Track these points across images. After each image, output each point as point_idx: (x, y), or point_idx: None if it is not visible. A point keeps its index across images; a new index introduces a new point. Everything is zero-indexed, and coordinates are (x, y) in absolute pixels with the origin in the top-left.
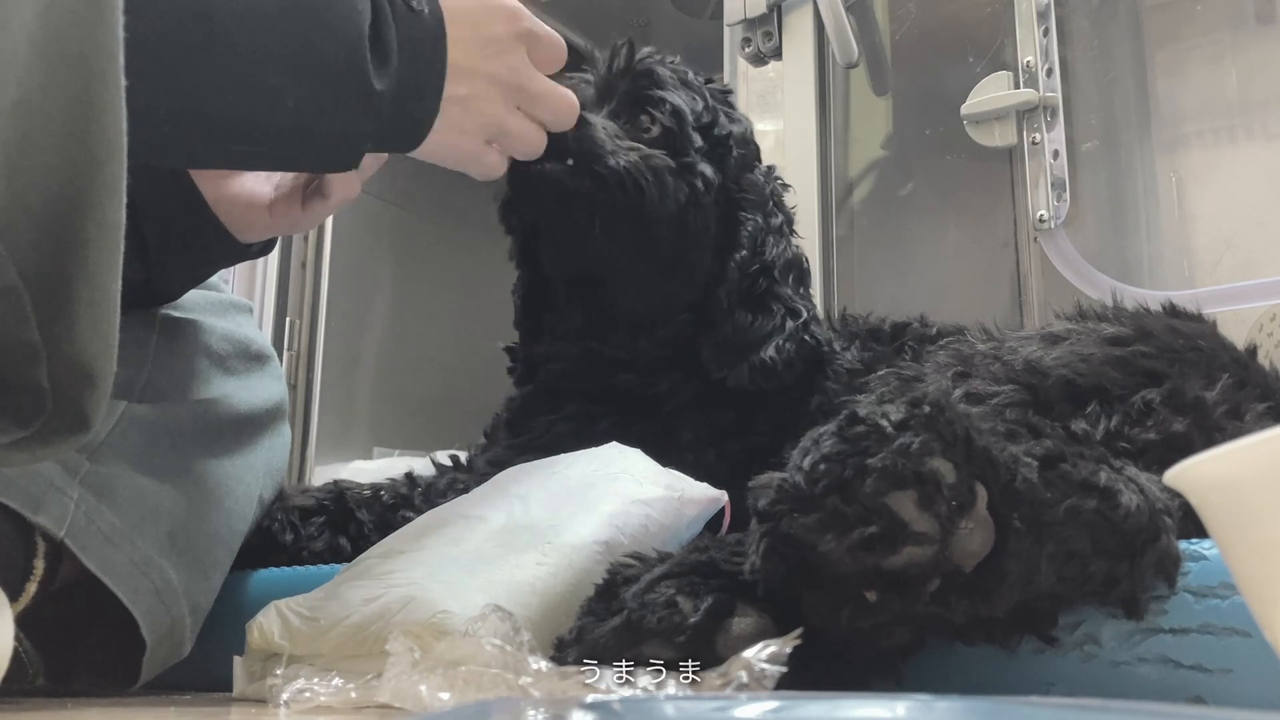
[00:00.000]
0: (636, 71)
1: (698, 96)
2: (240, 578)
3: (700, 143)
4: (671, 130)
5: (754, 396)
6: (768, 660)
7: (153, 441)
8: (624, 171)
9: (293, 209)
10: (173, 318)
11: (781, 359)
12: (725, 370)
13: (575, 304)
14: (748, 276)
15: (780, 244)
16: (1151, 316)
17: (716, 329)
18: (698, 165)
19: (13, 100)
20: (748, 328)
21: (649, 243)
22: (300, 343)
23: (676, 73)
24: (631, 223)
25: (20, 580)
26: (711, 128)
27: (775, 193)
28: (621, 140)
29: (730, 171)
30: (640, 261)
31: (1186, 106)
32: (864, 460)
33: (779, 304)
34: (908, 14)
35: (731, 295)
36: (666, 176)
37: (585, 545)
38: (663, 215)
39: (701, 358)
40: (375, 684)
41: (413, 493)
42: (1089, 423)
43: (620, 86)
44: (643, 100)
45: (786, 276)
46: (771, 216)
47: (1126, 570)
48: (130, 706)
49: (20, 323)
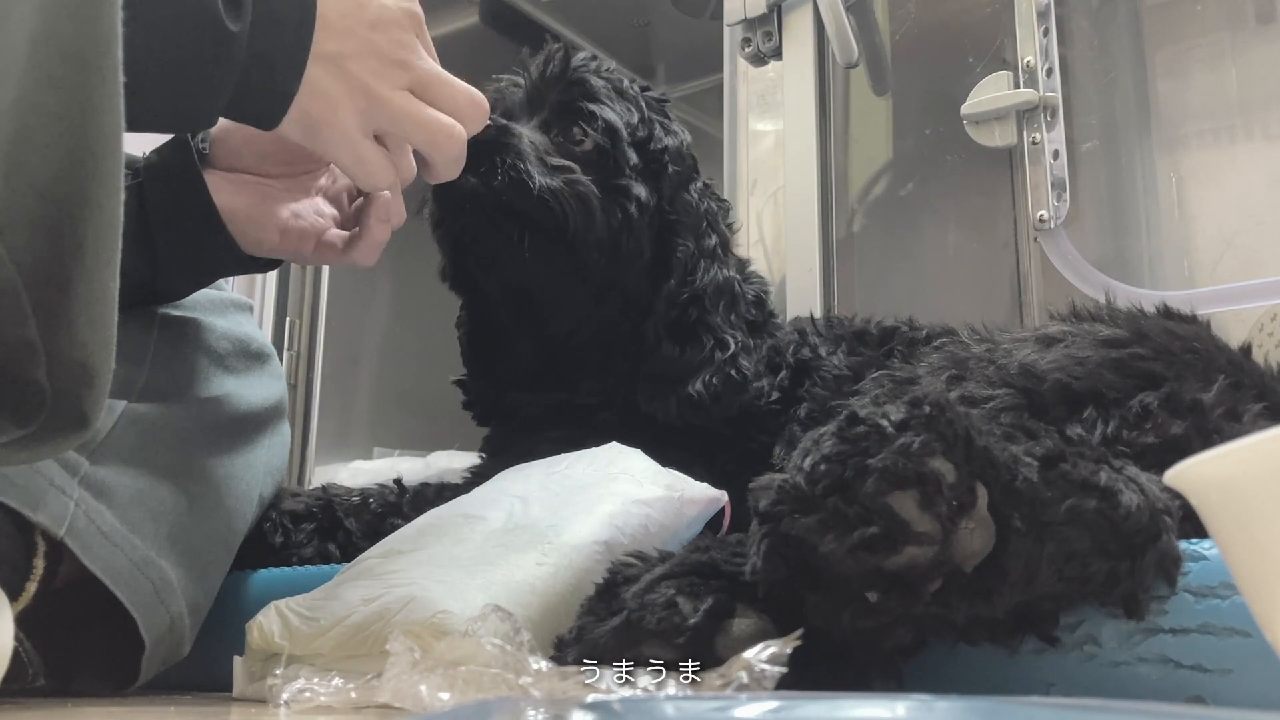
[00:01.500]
0: (569, 80)
1: (633, 108)
2: (240, 578)
3: (635, 159)
4: (604, 147)
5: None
6: (768, 661)
7: (152, 441)
8: (550, 194)
9: (304, 244)
10: (172, 316)
11: (709, 394)
12: (655, 403)
13: (523, 340)
14: (676, 306)
15: (712, 269)
16: (1147, 318)
17: (645, 362)
18: (632, 188)
19: (12, 98)
20: (676, 360)
21: (579, 266)
22: (300, 343)
23: (611, 81)
24: (559, 245)
25: (20, 580)
26: (647, 142)
27: (710, 211)
28: (550, 157)
29: (665, 190)
30: (572, 284)
31: (1186, 106)
32: (865, 461)
33: (709, 334)
34: (908, 14)
35: (659, 326)
36: (593, 203)
37: (585, 545)
38: (591, 241)
39: (606, 384)
40: (375, 684)
41: (401, 500)
42: (1085, 427)
43: (551, 95)
44: (575, 112)
45: (717, 304)
46: (705, 238)
47: (1127, 570)
48: (130, 706)
49: (19, 321)
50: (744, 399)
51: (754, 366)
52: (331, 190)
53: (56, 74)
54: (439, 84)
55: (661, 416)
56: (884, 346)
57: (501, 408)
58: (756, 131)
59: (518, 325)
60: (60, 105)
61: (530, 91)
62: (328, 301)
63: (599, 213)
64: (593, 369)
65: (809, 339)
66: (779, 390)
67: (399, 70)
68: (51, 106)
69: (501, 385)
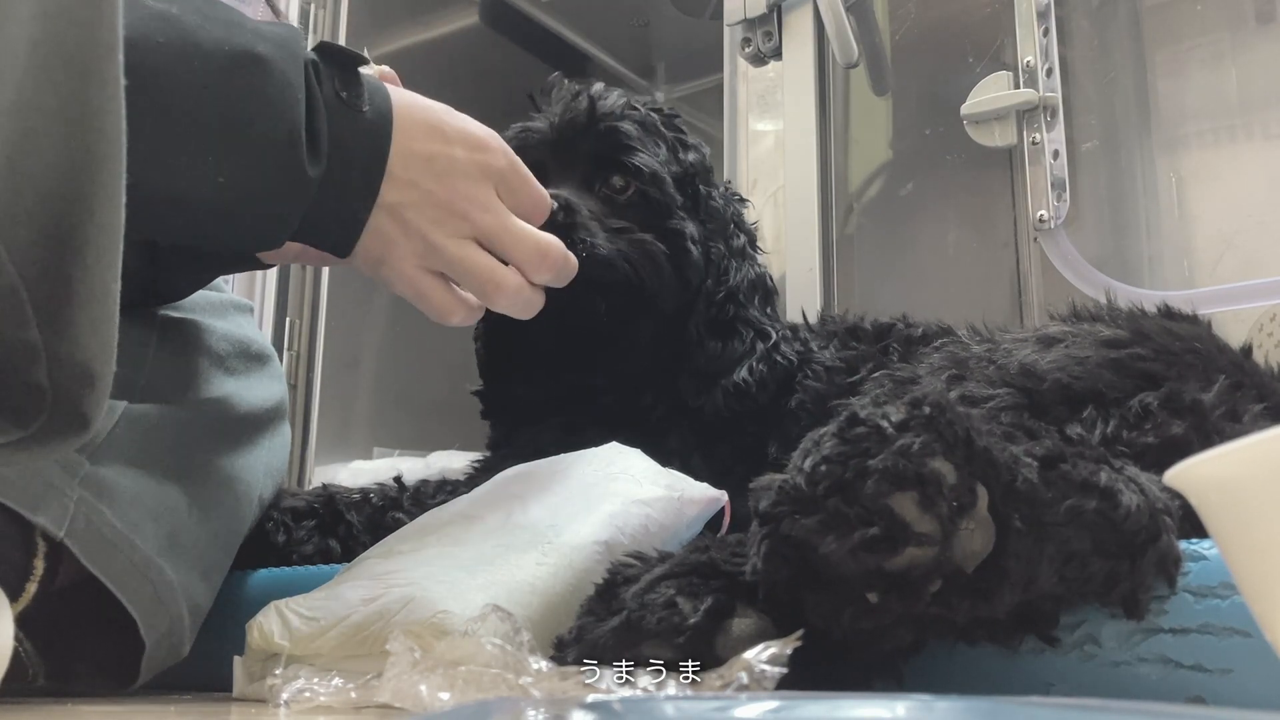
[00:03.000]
0: (599, 131)
1: (660, 142)
2: (240, 578)
3: (680, 199)
4: (649, 193)
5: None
6: (768, 661)
7: (152, 442)
8: (624, 260)
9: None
10: (173, 318)
11: (755, 380)
12: (701, 397)
13: (552, 355)
14: (715, 304)
15: (743, 266)
16: (1147, 318)
17: (690, 359)
18: (685, 229)
19: (12, 100)
20: (719, 355)
21: (650, 313)
22: (300, 343)
23: (637, 121)
24: (637, 299)
25: (20, 580)
26: (683, 178)
27: (735, 213)
28: (608, 219)
29: (701, 207)
30: (640, 329)
31: (1186, 106)
32: (865, 461)
33: (747, 327)
34: (908, 14)
35: (700, 326)
36: (660, 257)
37: (585, 545)
38: (665, 292)
39: (679, 387)
40: (375, 684)
41: (401, 496)
42: (1085, 427)
43: (583, 145)
44: (613, 164)
45: (752, 298)
46: (733, 239)
47: (1127, 570)
48: (130, 706)
49: (19, 322)
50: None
51: (792, 351)
52: None
53: (57, 76)
54: (504, 235)
55: (710, 409)
56: (879, 342)
57: (509, 402)
58: (756, 131)
59: (559, 348)
60: (61, 107)
61: (556, 138)
62: (328, 301)
63: (666, 265)
64: (609, 360)
65: (800, 334)
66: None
67: (459, 220)
68: (52, 108)
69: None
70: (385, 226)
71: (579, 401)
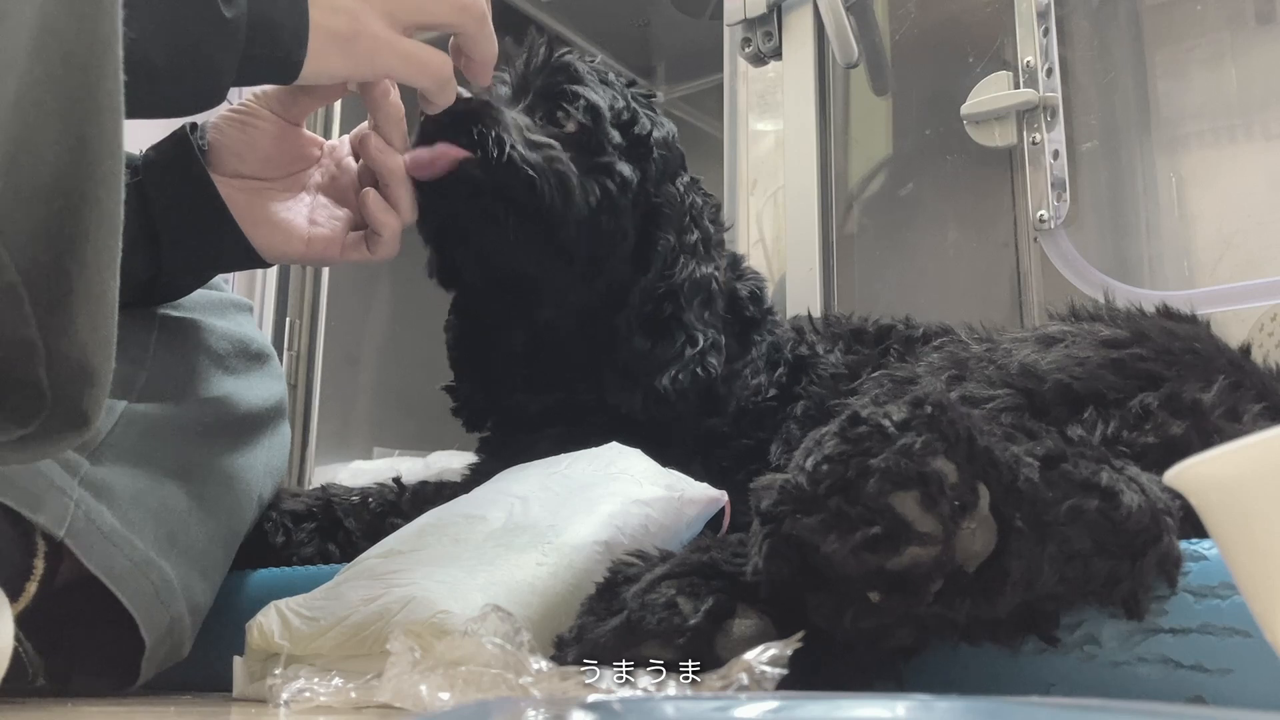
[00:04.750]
0: (553, 66)
1: (617, 95)
2: (240, 578)
3: (619, 139)
4: (587, 126)
5: (741, 406)
6: (768, 662)
7: (152, 441)
8: (529, 165)
9: (330, 250)
10: (172, 317)
11: (675, 389)
12: (621, 395)
13: (512, 334)
14: (652, 300)
15: (690, 265)
16: (1147, 318)
17: (616, 353)
18: (615, 165)
19: (12, 97)
20: (646, 354)
21: (561, 246)
22: (300, 343)
23: (596, 71)
24: (541, 222)
25: (20, 580)
26: (631, 125)
27: (694, 205)
28: (532, 134)
29: (651, 175)
30: (556, 265)
31: (1186, 107)
32: (867, 461)
33: (681, 330)
34: (908, 14)
35: (632, 319)
36: (571, 179)
37: (585, 545)
38: (570, 218)
39: (601, 381)
40: (375, 684)
41: (400, 499)
42: (1086, 428)
43: (536, 82)
44: (558, 95)
45: (693, 300)
46: (687, 233)
47: (1128, 570)
48: (130, 706)
49: (18, 320)
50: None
51: (717, 365)
52: (335, 189)
53: (57, 73)
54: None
55: (626, 409)
56: (880, 345)
57: (499, 410)
58: (756, 131)
59: (506, 314)
60: (61, 104)
61: (516, 82)
62: (328, 301)
63: (577, 190)
64: (583, 366)
65: (806, 336)
66: (776, 387)
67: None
68: (52, 106)
69: (497, 388)
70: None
71: (573, 415)
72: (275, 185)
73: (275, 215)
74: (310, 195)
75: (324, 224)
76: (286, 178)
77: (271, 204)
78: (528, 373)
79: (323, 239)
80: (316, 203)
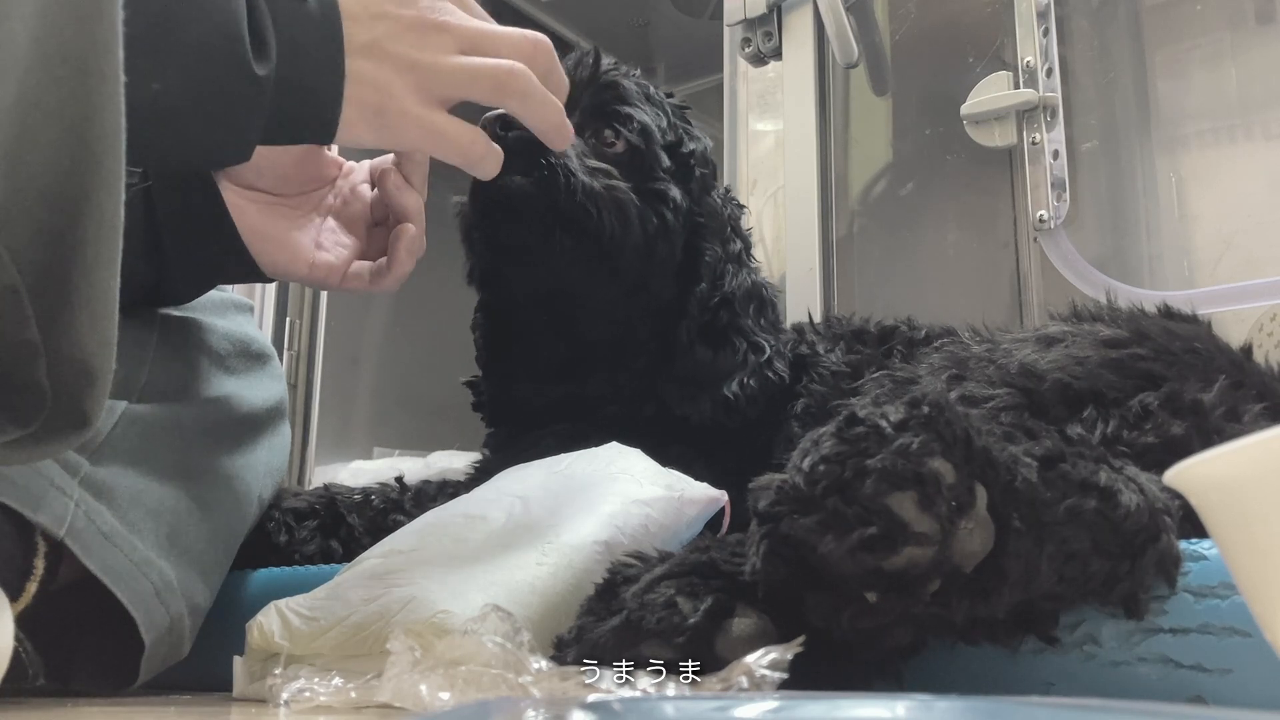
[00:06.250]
0: (601, 84)
1: (661, 113)
2: (240, 578)
3: (667, 162)
4: (639, 149)
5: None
6: (768, 666)
7: (152, 441)
8: (590, 196)
9: (331, 277)
10: (172, 317)
11: (745, 395)
12: (687, 406)
13: (543, 340)
14: (708, 310)
15: (740, 273)
16: (1147, 318)
17: (676, 364)
18: (667, 190)
19: (12, 98)
20: (709, 364)
21: (614, 269)
22: (300, 343)
23: (640, 87)
24: (598, 246)
25: (20, 580)
26: (677, 146)
27: (733, 216)
28: (588, 159)
29: (694, 193)
30: (606, 288)
31: (1186, 106)
32: (864, 461)
33: (740, 338)
34: (908, 14)
35: (692, 330)
36: (631, 208)
37: (585, 545)
38: (628, 245)
39: (660, 393)
40: (375, 684)
41: (403, 497)
42: (1085, 427)
43: (584, 99)
44: (608, 115)
45: (747, 307)
46: (730, 243)
47: (1127, 570)
48: (130, 706)
49: (19, 321)
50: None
51: (784, 367)
52: (345, 214)
53: (57, 73)
54: (488, 37)
55: (695, 418)
56: (883, 345)
57: (507, 402)
58: (756, 131)
59: (546, 327)
60: (61, 105)
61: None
62: (328, 301)
63: (635, 218)
64: (606, 365)
65: (806, 336)
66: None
67: (439, 34)
68: (52, 106)
69: (511, 380)
70: (369, 71)
71: (582, 410)
72: (288, 202)
73: (284, 233)
74: (320, 218)
75: (330, 249)
76: (300, 196)
77: (281, 221)
78: (545, 369)
79: (325, 265)
80: (325, 226)
